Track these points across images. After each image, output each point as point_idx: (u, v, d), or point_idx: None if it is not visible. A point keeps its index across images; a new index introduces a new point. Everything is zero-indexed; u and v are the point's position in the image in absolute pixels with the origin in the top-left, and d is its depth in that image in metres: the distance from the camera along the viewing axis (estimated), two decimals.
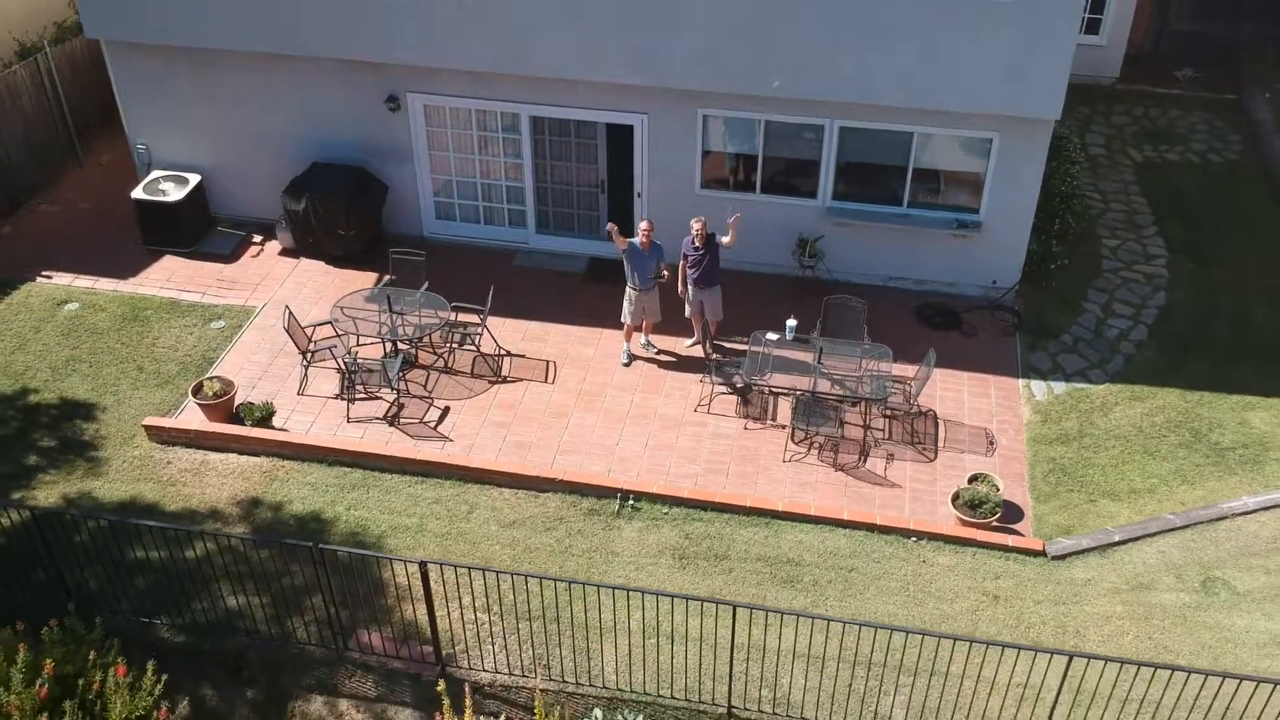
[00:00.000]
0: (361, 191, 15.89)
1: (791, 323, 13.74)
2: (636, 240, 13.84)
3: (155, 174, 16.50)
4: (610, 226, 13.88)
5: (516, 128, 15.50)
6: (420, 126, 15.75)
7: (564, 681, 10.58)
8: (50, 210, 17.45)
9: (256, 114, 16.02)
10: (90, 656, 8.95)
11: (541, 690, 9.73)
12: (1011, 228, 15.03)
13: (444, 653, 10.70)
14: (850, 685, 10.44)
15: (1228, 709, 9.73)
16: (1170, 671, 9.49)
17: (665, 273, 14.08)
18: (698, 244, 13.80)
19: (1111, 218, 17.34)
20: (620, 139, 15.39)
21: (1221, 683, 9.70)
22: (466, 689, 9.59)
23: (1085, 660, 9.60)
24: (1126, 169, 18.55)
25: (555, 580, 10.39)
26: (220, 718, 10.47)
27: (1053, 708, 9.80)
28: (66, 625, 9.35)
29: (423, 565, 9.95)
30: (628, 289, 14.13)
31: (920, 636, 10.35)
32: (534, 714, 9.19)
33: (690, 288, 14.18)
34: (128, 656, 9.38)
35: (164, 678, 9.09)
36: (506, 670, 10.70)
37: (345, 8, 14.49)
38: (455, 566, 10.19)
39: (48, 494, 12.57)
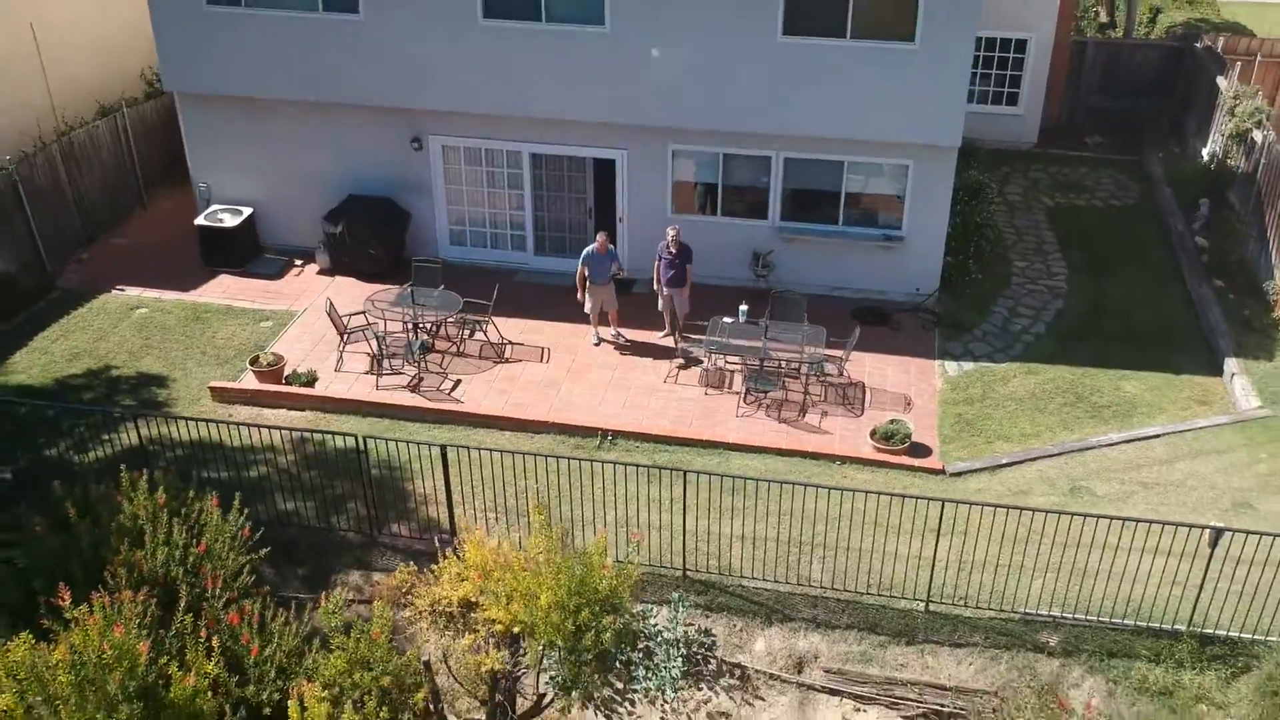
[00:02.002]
0: (388, 218, 19.01)
1: (744, 307, 16.68)
2: (593, 247, 16.84)
3: (214, 207, 19.63)
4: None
5: (519, 164, 18.69)
6: (439, 164, 18.94)
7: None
8: (120, 242, 20.56)
9: (301, 155, 19.23)
10: (190, 495, 11.66)
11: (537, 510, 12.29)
12: (929, 241, 18.10)
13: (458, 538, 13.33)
14: (778, 557, 13.08)
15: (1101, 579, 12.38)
16: (1028, 518, 12.21)
17: (621, 271, 17.09)
18: (672, 249, 16.81)
19: (1023, 246, 20.46)
20: (605, 173, 18.57)
21: (1076, 553, 12.35)
22: (477, 524, 12.31)
23: (965, 533, 12.30)
24: (1039, 211, 21.76)
25: (548, 457, 13.16)
26: (277, 586, 13.07)
27: (932, 567, 12.45)
28: (170, 479, 12.06)
29: (444, 449, 12.70)
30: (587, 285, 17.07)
31: (832, 521, 13.07)
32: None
33: (663, 287, 17.15)
34: None
35: (246, 511, 11.77)
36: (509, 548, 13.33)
37: (381, 61, 17.79)
38: (469, 449, 12.90)
39: (130, 438, 15.27)
